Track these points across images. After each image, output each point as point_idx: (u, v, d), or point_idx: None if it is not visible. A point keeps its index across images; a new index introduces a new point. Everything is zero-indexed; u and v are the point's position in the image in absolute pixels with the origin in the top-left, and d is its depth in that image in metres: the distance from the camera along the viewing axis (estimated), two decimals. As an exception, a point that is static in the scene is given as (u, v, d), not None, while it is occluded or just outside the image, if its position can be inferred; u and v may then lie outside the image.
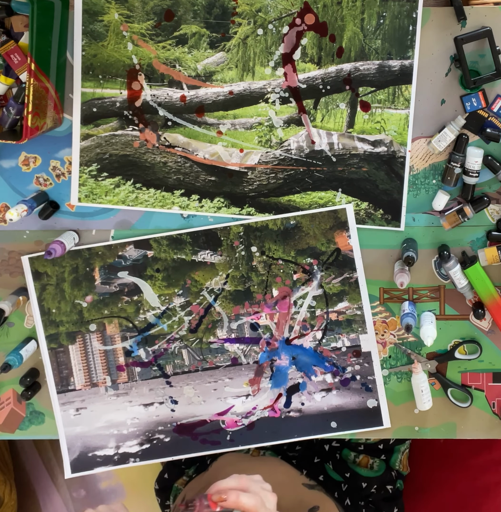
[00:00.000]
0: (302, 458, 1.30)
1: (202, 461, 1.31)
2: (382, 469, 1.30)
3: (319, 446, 1.33)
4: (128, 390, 1.15)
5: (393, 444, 1.32)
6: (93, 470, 1.18)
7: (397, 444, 1.33)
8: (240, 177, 1.07)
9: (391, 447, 1.32)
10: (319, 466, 1.30)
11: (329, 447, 1.33)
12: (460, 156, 1.03)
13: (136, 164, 1.07)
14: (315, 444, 1.32)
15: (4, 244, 1.10)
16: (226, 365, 1.15)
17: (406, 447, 1.35)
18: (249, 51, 1.03)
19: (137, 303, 1.12)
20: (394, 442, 1.32)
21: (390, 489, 1.30)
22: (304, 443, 1.31)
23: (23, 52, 0.98)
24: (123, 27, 1.02)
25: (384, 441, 1.31)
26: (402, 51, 1.02)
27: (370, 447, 1.31)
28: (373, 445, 1.31)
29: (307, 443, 1.32)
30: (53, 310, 1.12)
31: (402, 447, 1.34)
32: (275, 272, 1.11)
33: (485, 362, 1.13)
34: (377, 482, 1.28)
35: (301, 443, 1.31)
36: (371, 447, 1.31)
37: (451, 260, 1.07)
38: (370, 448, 1.31)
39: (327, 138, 1.06)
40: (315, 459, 1.31)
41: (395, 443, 1.33)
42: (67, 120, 1.06)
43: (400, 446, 1.33)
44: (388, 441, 1.31)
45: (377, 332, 1.13)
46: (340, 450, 1.32)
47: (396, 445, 1.33)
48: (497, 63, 0.99)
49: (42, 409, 1.16)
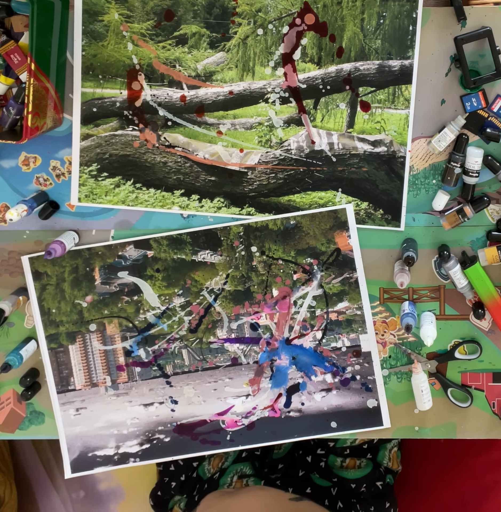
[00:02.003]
0: (286, 476, 1.29)
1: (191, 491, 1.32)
2: (370, 466, 1.30)
3: (301, 459, 1.33)
4: (128, 390, 1.15)
5: (377, 443, 1.33)
6: (93, 470, 1.18)
7: (381, 442, 1.33)
8: (240, 177, 1.07)
9: (376, 445, 1.33)
10: (304, 478, 1.29)
11: (312, 457, 1.33)
12: (460, 156, 1.03)
13: (136, 164, 1.07)
14: (297, 458, 1.32)
15: (4, 244, 1.10)
16: (226, 365, 1.15)
17: (393, 445, 1.35)
18: (249, 51, 1.03)
19: (137, 303, 1.12)
20: (378, 440, 1.32)
21: (380, 485, 1.30)
22: (286, 461, 1.31)
23: (23, 52, 0.98)
24: (123, 27, 1.02)
25: (368, 441, 1.32)
26: (402, 51, 1.02)
27: (355, 449, 1.31)
28: (357, 446, 1.31)
29: (289, 460, 1.32)
30: (53, 310, 1.12)
31: (388, 445, 1.34)
32: (275, 272, 1.11)
33: (485, 362, 1.13)
34: (366, 481, 1.29)
35: (283, 461, 1.32)
36: (356, 448, 1.31)
37: (451, 260, 1.07)
38: (355, 449, 1.31)
39: (327, 138, 1.06)
40: (300, 472, 1.30)
41: (380, 442, 1.33)
42: (67, 120, 1.06)
43: (386, 444, 1.34)
44: (372, 440, 1.32)
45: (377, 332, 1.13)
46: (326, 458, 1.32)
47: (381, 443, 1.33)
48: (497, 63, 0.99)
49: (42, 409, 1.16)
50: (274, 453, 1.35)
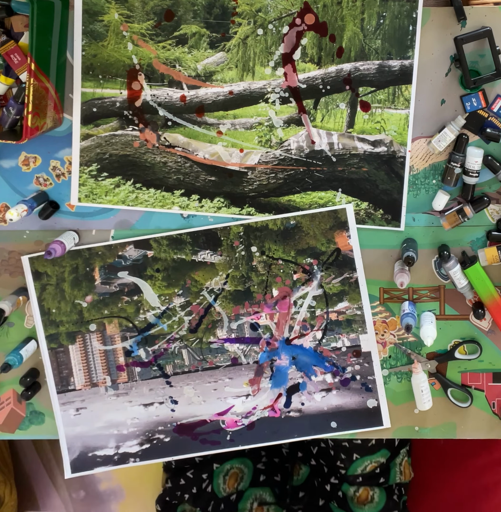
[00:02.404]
0: (307, 505, 1.31)
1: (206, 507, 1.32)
2: (383, 500, 1.30)
3: (320, 488, 1.33)
4: (128, 390, 1.15)
5: (387, 462, 1.32)
6: (93, 470, 1.18)
7: (391, 460, 1.33)
8: (240, 177, 1.07)
9: (386, 465, 1.32)
10: (325, 509, 1.30)
11: (330, 486, 1.33)
12: (460, 156, 1.03)
13: (136, 164, 1.07)
14: (316, 487, 1.33)
15: (4, 244, 1.10)
16: (226, 365, 1.15)
17: (403, 457, 1.35)
18: (249, 51, 1.03)
19: (137, 303, 1.12)
20: (388, 458, 1.32)
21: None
22: (306, 488, 1.32)
23: (23, 52, 0.98)
24: (123, 27, 1.02)
25: (379, 465, 1.31)
26: (402, 51, 1.02)
27: (368, 476, 1.31)
28: (369, 473, 1.31)
29: (309, 488, 1.32)
30: (53, 310, 1.12)
31: (397, 459, 1.34)
32: (275, 272, 1.11)
33: (485, 362, 1.13)
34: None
35: (304, 488, 1.32)
36: (368, 475, 1.31)
37: (451, 260, 1.07)
38: (368, 476, 1.31)
39: (327, 138, 1.06)
40: (320, 501, 1.31)
41: (390, 459, 1.32)
42: (67, 120, 1.06)
43: (395, 459, 1.33)
44: (383, 463, 1.31)
45: (377, 332, 1.13)
46: (340, 486, 1.33)
47: (391, 461, 1.33)
48: (497, 63, 0.99)
49: (42, 409, 1.16)
50: (294, 480, 1.36)
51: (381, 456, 1.31)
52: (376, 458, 1.31)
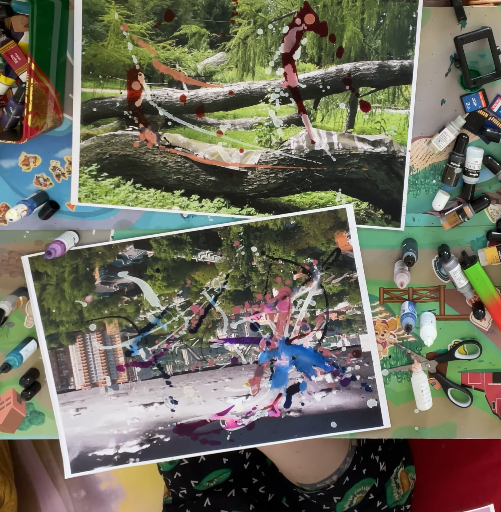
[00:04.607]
0: None
1: None
2: None
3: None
4: (128, 390, 1.15)
5: (381, 483, 1.30)
6: (93, 470, 1.18)
7: (385, 480, 1.31)
8: (240, 177, 1.07)
9: (381, 487, 1.31)
10: None
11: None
12: (460, 156, 1.03)
13: (136, 164, 1.07)
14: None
15: (4, 244, 1.10)
16: (226, 365, 1.15)
17: (397, 470, 1.33)
18: (249, 51, 1.03)
19: (137, 303, 1.12)
20: (380, 482, 1.30)
21: None
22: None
23: (23, 52, 0.98)
24: (123, 27, 1.02)
25: (371, 488, 1.30)
26: (402, 51, 1.02)
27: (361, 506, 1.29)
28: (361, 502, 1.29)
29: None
30: (53, 310, 1.12)
31: (392, 477, 1.33)
32: (275, 272, 1.11)
33: (485, 362, 1.13)
34: None
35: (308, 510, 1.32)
36: (360, 505, 1.29)
37: (451, 260, 1.07)
38: (361, 506, 1.29)
39: (327, 138, 1.06)
40: None
41: (383, 480, 1.30)
42: (67, 120, 1.06)
43: (390, 479, 1.31)
44: (374, 485, 1.30)
45: (377, 332, 1.13)
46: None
47: (385, 481, 1.31)
48: (497, 63, 0.99)
49: (42, 409, 1.16)
50: None
51: (362, 485, 1.30)
52: (358, 489, 1.29)
